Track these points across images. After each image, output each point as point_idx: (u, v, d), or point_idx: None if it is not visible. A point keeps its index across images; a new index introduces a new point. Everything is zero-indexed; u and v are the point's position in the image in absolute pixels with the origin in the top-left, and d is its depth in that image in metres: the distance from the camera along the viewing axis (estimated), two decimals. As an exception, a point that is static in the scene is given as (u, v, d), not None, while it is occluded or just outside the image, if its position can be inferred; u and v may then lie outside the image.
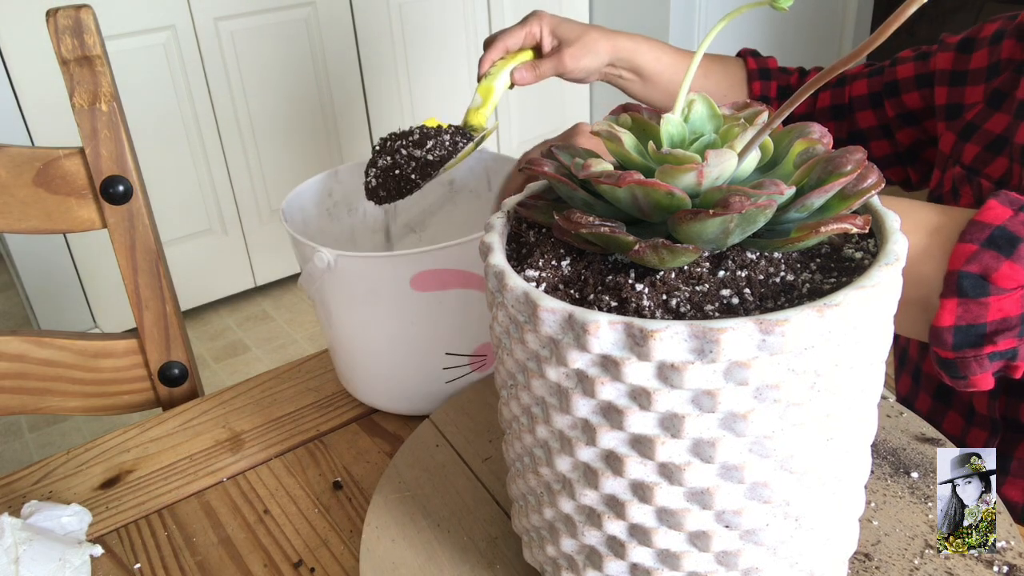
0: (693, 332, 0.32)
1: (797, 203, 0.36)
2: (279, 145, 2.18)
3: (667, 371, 0.33)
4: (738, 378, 0.33)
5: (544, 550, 0.44)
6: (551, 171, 0.40)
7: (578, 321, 0.34)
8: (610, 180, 0.36)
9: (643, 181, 0.35)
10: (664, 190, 0.35)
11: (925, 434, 0.57)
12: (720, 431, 0.35)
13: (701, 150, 0.38)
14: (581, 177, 0.37)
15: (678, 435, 0.35)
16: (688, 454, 0.35)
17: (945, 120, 0.76)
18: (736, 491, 0.36)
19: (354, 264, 0.59)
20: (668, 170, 0.36)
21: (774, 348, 0.32)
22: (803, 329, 0.32)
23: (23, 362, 0.74)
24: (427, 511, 0.54)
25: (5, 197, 0.70)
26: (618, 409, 0.35)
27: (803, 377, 0.34)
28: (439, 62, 2.35)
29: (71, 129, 0.71)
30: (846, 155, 0.37)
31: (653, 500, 0.37)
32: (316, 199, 0.72)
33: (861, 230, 0.35)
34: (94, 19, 0.68)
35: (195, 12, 1.95)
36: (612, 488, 0.38)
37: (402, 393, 0.65)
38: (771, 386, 0.33)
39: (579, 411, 0.36)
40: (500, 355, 0.41)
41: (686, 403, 0.34)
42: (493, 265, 0.38)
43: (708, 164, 0.35)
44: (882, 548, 0.49)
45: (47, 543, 0.53)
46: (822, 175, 0.37)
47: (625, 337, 0.33)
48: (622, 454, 0.36)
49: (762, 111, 0.40)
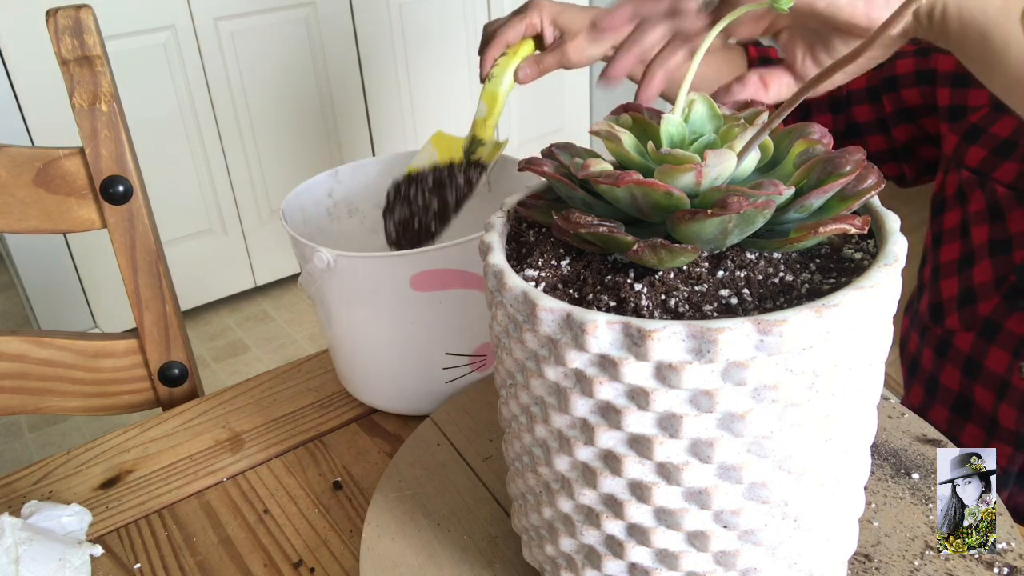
0: (691, 332, 0.32)
1: (796, 204, 0.36)
2: (279, 145, 2.18)
3: (665, 371, 0.33)
4: (736, 378, 0.33)
5: (543, 549, 0.44)
6: (550, 171, 0.40)
7: (576, 321, 0.34)
8: (609, 180, 0.36)
9: (642, 181, 0.35)
10: (663, 190, 0.35)
11: (927, 435, 0.57)
12: (718, 431, 0.35)
13: (701, 150, 0.38)
14: (580, 177, 0.37)
15: (676, 435, 0.35)
16: (686, 454, 0.35)
17: (948, 122, 0.75)
18: (734, 491, 0.36)
19: (354, 264, 0.59)
20: (667, 170, 0.36)
21: (772, 348, 0.32)
22: (801, 330, 0.32)
23: (23, 362, 0.74)
24: (427, 510, 0.54)
25: (5, 197, 0.70)
26: (616, 409, 0.35)
27: (801, 377, 0.34)
28: (439, 62, 2.36)
29: (71, 129, 0.71)
30: (846, 156, 0.37)
31: (651, 500, 0.37)
32: (316, 199, 0.72)
33: (860, 231, 0.35)
34: (94, 19, 0.68)
35: (195, 12, 1.95)
36: (610, 488, 0.38)
37: (402, 393, 0.66)
38: (769, 386, 0.33)
39: (577, 411, 0.36)
40: (499, 354, 0.41)
41: (684, 403, 0.34)
42: (492, 265, 0.38)
43: (707, 164, 0.35)
44: (882, 549, 0.48)
45: (47, 543, 0.53)
46: (821, 175, 0.37)
47: (623, 337, 0.33)
48: (620, 454, 0.36)
49: (762, 111, 0.40)
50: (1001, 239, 0.70)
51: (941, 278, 0.75)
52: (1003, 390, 0.69)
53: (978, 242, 0.72)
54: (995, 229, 0.70)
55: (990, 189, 0.70)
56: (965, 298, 0.72)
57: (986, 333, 0.70)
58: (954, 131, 0.74)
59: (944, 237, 0.76)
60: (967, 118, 0.73)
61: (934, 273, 0.77)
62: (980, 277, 0.71)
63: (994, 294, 0.69)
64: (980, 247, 0.71)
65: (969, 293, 0.72)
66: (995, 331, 0.69)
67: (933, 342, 0.76)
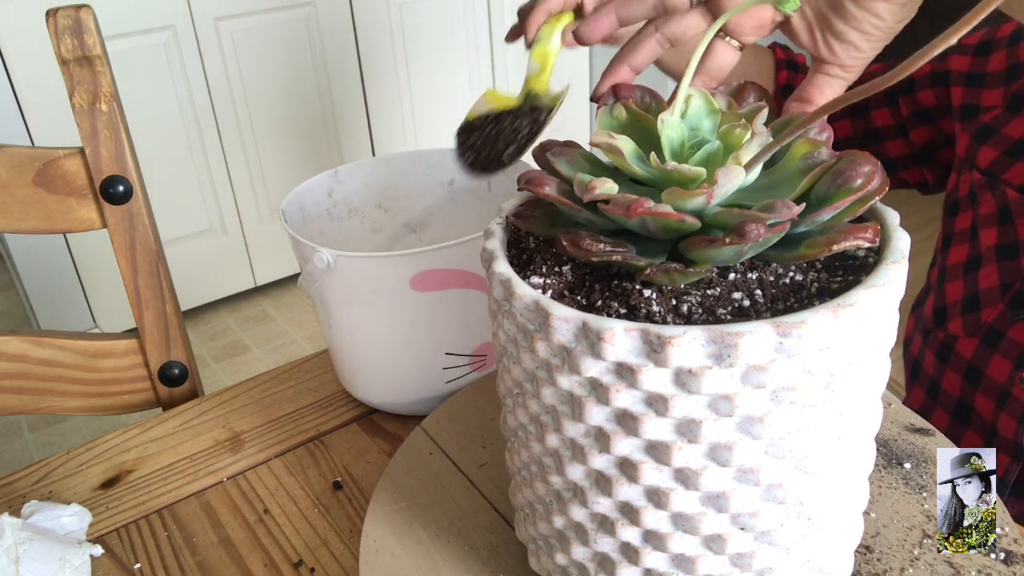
0: (711, 337, 0.32)
1: (807, 219, 0.36)
2: (279, 145, 2.18)
3: (684, 377, 0.33)
4: (755, 381, 0.33)
5: (553, 558, 0.44)
6: (553, 193, 0.38)
7: (593, 329, 0.33)
8: (619, 211, 0.35)
9: (653, 212, 0.34)
10: (676, 218, 0.35)
11: (915, 424, 0.57)
12: (737, 434, 0.34)
13: (704, 159, 0.37)
14: (586, 200, 0.36)
15: (695, 440, 0.35)
16: (705, 459, 0.35)
17: (960, 121, 0.75)
18: (752, 493, 0.36)
19: (354, 264, 0.59)
20: (676, 193, 0.35)
21: (791, 351, 0.32)
22: (820, 330, 0.32)
23: (23, 362, 0.74)
24: (425, 521, 0.53)
25: (5, 197, 0.70)
26: (633, 416, 0.35)
27: (819, 378, 0.34)
28: (439, 62, 2.35)
29: (71, 129, 0.71)
30: (855, 167, 0.36)
31: (669, 506, 0.36)
32: (316, 199, 0.72)
33: (872, 243, 0.35)
34: (94, 19, 0.68)
35: (195, 12, 1.95)
36: (627, 495, 0.37)
37: (402, 393, 0.65)
38: (788, 388, 0.33)
39: (593, 419, 0.36)
40: (505, 363, 0.40)
41: (703, 408, 0.34)
42: (499, 273, 0.38)
43: (718, 185, 0.35)
44: (881, 539, 0.49)
45: (47, 543, 0.53)
46: (831, 189, 0.36)
47: (641, 344, 0.33)
48: (637, 461, 0.36)
49: (761, 108, 0.40)
50: (1009, 243, 0.69)
51: (947, 281, 0.74)
52: (1003, 399, 0.68)
53: (985, 246, 0.71)
54: (1003, 233, 0.69)
55: (1000, 192, 0.69)
56: (969, 303, 0.71)
57: (988, 340, 0.69)
58: (966, 131, 0.73)
59: (954, 239, 0.75)
60: (979, 118, 0.72)
61: (940, 275, 0.76)
62: (985, 282, 0.70)
63: (998, 300, 0.69)
64: (987, 251, 0.71)
65: (974, 298, 0.71)
66: (998, 339, 0.69)
67: (936, 346, 0.75)
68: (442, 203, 0.78)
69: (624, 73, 0.50)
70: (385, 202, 0.76)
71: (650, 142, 0.40)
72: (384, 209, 0.77)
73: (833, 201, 0.36)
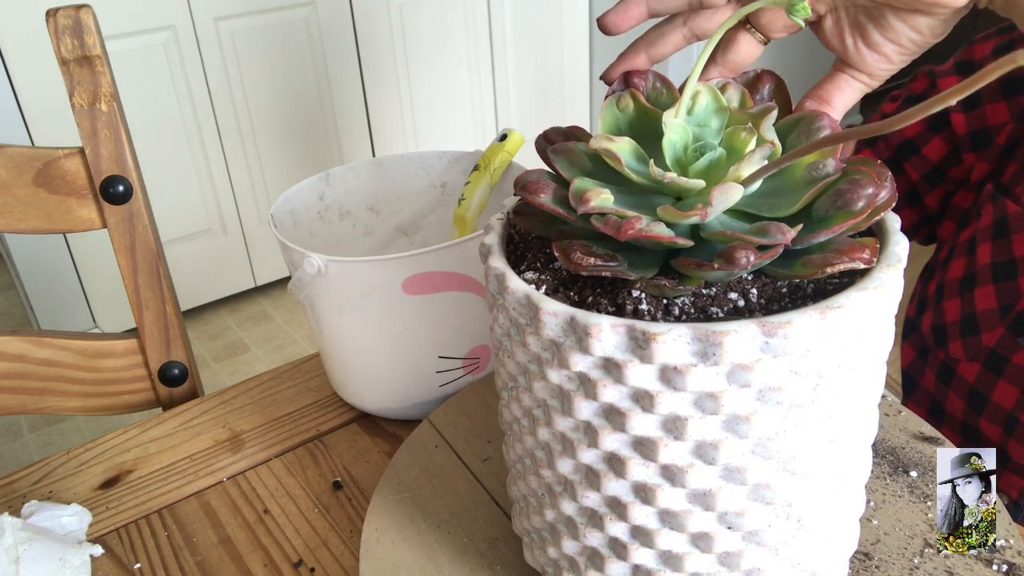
0: (696, 335, 0.32)
1: (803, 240, 0.35)
2: (279, 145, 2.18)
3: (670, 373, 0.33)
4: (741, 380, 0.33)
5: (545, 551, 0.44)
6: (548, 203, 0.39)
7: (580, 324, 0.34)
8: (610, 231, 0.35)
9: (644, 234, 0.34)
10: (667, 240, 0.35)
11: (924, 433, 0.57)
12: (723, 433, 0.35)
13: (706, 168, 0.37)
14: (580, 212, 0.37)
15: (681, 437, 0.35)
16: (691, 456, 0.35)
17: (974, 151, 0.71)
18: (738, 492, 0.36)
19: (345, 269, 0.58)
20: (670, 211, 0.35)
21: (777, 350, 0.32)
22: (806, 331, 0.32)
23: (23, 362, 0.74)
24: (427, 512, 0.54)
25: (5, 197, 0.70)
26: (620, 411, 0.35)
27: (806, 379, 0.34)
28: (439, 62, 2.35)
29: (71, 129, 0.71)
30: (858, 189, 0.35)
31: (655, 502, 0.37)
32: (307, 203, 0.72)
33: (869, 264, 0.34)
34: (94, 19, 0.68)
35: (195, 12, 1.95)
36: (614, 490, 0.38)
37: (395, 398, 0.65)
38: (774, 388, 0.33)
39: (581, 413, 0.36)
40: (500, 357, 0.41)
41: (689, 405, 0.34)
42: (494, 267, 0.38)
43: (713, 207, 0.35)
44: (882, 547, 0.49)
45: (47, 543, 0.53)
46: (831, 209, 0.36)
47: (627, 340, 0.33)
48: (624, 456, 0.36)
49: (770, 109, 0.39)
50: (1004, 261, 0.66)
51: (944, 299, 0.72)
52: (1012, 425, 0.66)
53: (981, 263, 0.68)
54: (998, 249, 0.67)
55: (1000, 204, 0.67)
56: (968, 326, 0.69)
57: (991, 366, 0.67)
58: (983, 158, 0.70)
59: (956, 251, 0.73)
60: (994, 141, 0.69)
61: (939, 291, 0.73)
62: (983, 304, 0.68)
63: (998, 324, 0.66)
64: (983, 269, 0.68)
65: (972, 320, 0.69)
66: (1002, 365, 0.66)
67: (936, 367, 0.73)
68: (434, 206, 0.77)
69: (641, 61, 0.48)
70: (377, 205, 0.76)
71: (655, 139, 0.39)
72: (376, 212, 0.77)
73: (832, 224, 0.35)
